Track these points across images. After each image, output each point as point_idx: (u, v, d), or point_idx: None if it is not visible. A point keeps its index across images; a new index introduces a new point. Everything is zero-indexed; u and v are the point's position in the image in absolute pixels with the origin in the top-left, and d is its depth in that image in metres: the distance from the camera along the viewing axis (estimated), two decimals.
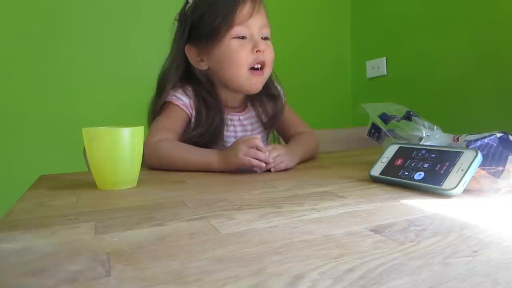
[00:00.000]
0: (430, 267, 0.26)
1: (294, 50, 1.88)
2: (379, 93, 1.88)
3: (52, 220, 0.40)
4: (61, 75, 1.49)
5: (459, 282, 0.24)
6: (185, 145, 0.78)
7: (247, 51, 0.78)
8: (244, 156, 0.66)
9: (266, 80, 0.85)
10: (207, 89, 0.84)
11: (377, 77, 1.88)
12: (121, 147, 0.56)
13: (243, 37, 0.79)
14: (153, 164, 0.76)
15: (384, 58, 1.81)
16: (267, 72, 0.83)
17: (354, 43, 2.03)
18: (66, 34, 1.48)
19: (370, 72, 1.91)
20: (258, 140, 0.68)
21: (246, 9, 0.78)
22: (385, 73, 1.82)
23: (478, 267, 0.26)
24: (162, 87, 0.86)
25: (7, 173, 1.41)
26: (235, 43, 0.78)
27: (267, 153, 0.67)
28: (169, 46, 0.89)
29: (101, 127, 0.58)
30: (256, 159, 0.67)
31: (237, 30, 0.78)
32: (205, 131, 0.82)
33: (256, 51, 0.78)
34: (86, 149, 0.58)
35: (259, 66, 0.80)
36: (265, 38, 0.82)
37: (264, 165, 0.67)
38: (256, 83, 0.82)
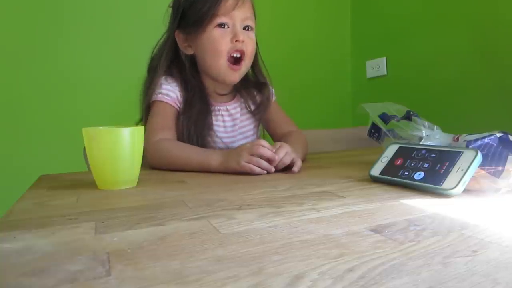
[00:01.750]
0: (430, 267, 0.26)
1: (294, 50, 1.88)
2: (379, 93, 1.88)
3: (52, 220, 0.40)
4: (61, 75, 1.49)
5: (459, 282, 0.24)
6: (186, 145, 0.79)
7: (226, 41, 0.81)
8: (246, 163, 0.66)
9: (245, 72, 0.87)
10: (192, 73, 0.87)
11: (377, 77, 1.88)
12: (121, 147, 0.56)
13: (225, 27, 0.82)
14: (154, 164, 0.77)
15: (384, 58, 1.82)
16: (246, 64, 0.85)
17: (354, 43, 2.03)
18: (66, 34, 1.48)
19: (370, 72, 1.91)
20: (263, 148, 0.67)
21: (230, 1, 0.81)
22: (385, 73, 1.82)
23: (478, 267, 0.26)
24: (152, 68, 0.90)
25: (7, 173, 1.41)
26: (217, 32, 0.82)
27: (276, 156, 0.67)
28: None
29: (101, 127, 0.58)
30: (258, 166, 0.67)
31: (220, 19, 0.81)
32: (188, 111, 0.83)
33: (236, 41, 0.81)
34: (86, 149, 0.58)
35: (238, 55, 0.83)
36: (248, 29, 0.84)
37: (266, 172, 0.67)
38: (233, 76, 0.84)
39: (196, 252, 0.30)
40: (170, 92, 0.84)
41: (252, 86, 0.94)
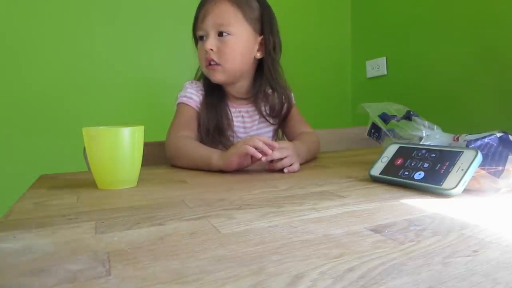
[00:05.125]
0: (430, 267, 0.26)
1: (294, 50, 1.87)
2: (379, 93, 1.88)
3: (52, 219, 0.40)
4: (62, 74, 1.49)
5: (459, 281, 0.24)
6: (198, 143, 0.82)
7: (203, 51, 0.87)
8: (242, 145, 0.67)
9: (231, 73, 0.88)
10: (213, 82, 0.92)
11: (377, 77, 1.88)
12: (121, 147, 0.56)
13: (203, 39, 0.87)
14: (171, 159, 0.82)
15: (384, 58, 1.82)
16: (227, 67, 0.86)
17: (354, 43, 2.03)
18: (66, 33, 1.48)
19: (370, 72, 1.91)
20: (258, 138, 0.68)
21: (202, 12, 0.87)
22: (385, 73, 1.82)
23: (478, 267, 0.26)
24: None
25: (7, 173, 1.41)
26: (199, 44, 0.89)
27: (269, 151, 0.67)
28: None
29: (101, 127, 0.58)
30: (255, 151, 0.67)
31: (198, 33, 0.88)
32: (208, 108, 0.89)
33: (206, 51, 0.85)
34: (86, 149, 0.58)
35: (211, 62, 0.87)
36: (223, 35, 0.85)
37: (260, 155, 0.67)
38: (213, 75, 0.88)
39: (196, 252, 0.30)
40: (193, 95, 0.90)
41: (268, 89, 0.94)
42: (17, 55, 1.43)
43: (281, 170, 0.69)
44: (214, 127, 0.87)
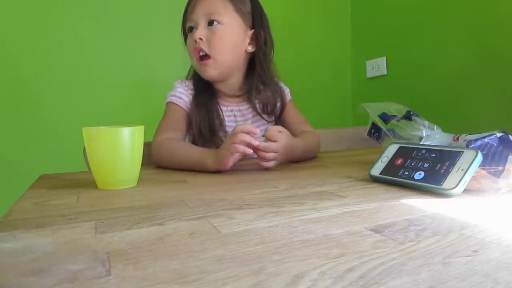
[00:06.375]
0: (430, 267, 0.26)
1: (295, 50, 1.88)
2: (379, 93, 1.88)
3: (52, 219, 0.40)
4: (61, 74, 1.49)
5: (459, 281, 0.24)
6: (186, 144, 0.81)
7: (192, 42, 0.85)
8: (232, 144, 0.66)
9: (223, 67, 0.86)
10: (203, 80, 0.90)
11: (377, 76, 1.88)
12: (121, 147, 0.56)
13: (192, 30, 0.85)
14: (157, 161, 0.80)
15: (384, 57, 1.82)
16: (216, 58, 0.84)
17: (354, 43, 2.03)
18: (66, 33, 1.49)
19: (370, 72, 1.91)
20: (242, 130, 0.67)
21: (191, 4, 0.86)
22: (385, 73, 1.82)
23: (478, 267, 0.26)
24: None
25: (7, 173, 1.41)
26: (188, 36, 0.87)
27: (255, 143, 0.67)
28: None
29: (101, 127, 0.58)
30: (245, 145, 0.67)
31: (188, 24, 0.87)
32: (199, 108, 0.86)
33: (195, 41, 0.83)
34: (86, 149, 0.58)
35: (201, 53, 0.84)
36: (212, 24, 0.84)
37: (251, 151, 0.67)
38: (205, 71, 0.85)
39: (196, 252, 0.30)
40: (183, 95, 0.88)
41: (260, 86, 0.92)
42: (17, 55, 1.43)
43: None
44: (206, 127, 0.85)
